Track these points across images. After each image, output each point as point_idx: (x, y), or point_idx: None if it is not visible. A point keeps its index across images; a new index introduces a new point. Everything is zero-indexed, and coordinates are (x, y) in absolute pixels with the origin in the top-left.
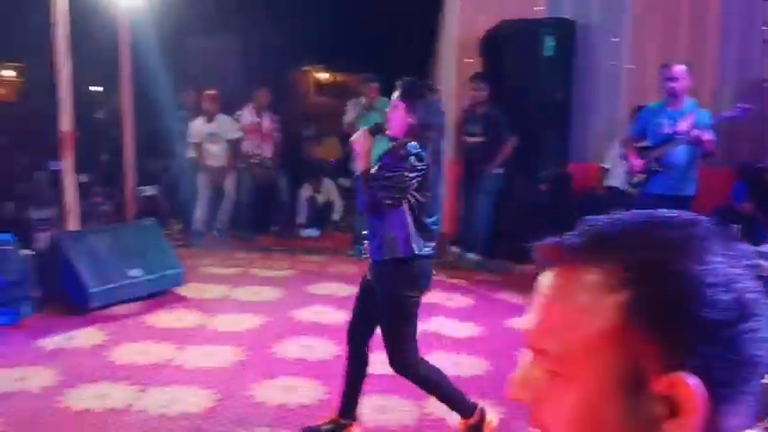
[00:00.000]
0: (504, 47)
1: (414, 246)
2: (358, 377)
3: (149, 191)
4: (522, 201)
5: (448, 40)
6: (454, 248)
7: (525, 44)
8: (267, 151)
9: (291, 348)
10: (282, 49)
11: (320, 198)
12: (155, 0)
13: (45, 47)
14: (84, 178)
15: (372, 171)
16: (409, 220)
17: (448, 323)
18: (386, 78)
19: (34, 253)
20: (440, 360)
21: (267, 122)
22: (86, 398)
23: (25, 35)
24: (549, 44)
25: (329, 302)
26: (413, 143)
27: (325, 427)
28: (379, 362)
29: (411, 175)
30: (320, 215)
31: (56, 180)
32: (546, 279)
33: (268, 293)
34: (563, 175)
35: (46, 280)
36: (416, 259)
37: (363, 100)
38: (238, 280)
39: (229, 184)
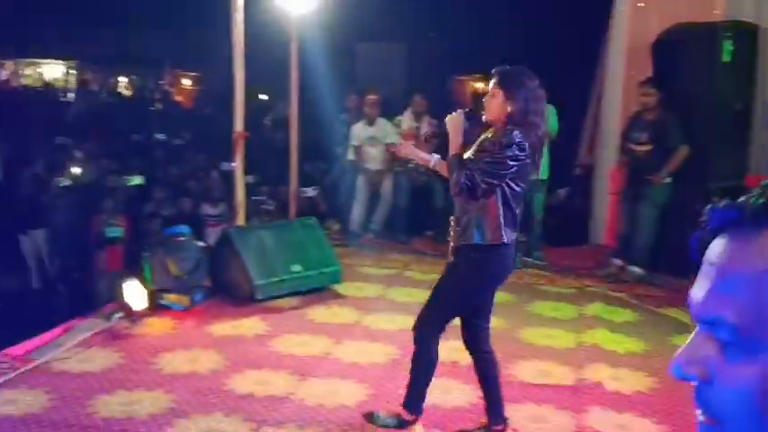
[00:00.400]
0: (677, 52)
1: (503, 234)
2: (491, 379)
3: (310, 192)
4: (690, 214)
5: (616, 43)
6: (616, 260)
7: (701, 49)
8: None
9: (444, 351)
10: (445, 57)
11: None
12: (325, 7)
13: (218, 59)
14: (251, 179)
15: (470, 154)
16: (501, 208)
17: (609, 336)
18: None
19: (206, 245)
20: (600, 373)
21: (426, 128)
22: (250, 383)
23: (200, 48)
24: (727, 49)
25: None
26: (516, 132)
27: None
28: (536, 370)
29: (512, 163)
30: None
31: (227, 179)
32: (719, 245)
33: (422, 296)
34: (739, 187)
35: (216, 271)
36: (503, 247)
37: None
38: (393, 281)
39: (387, 187)
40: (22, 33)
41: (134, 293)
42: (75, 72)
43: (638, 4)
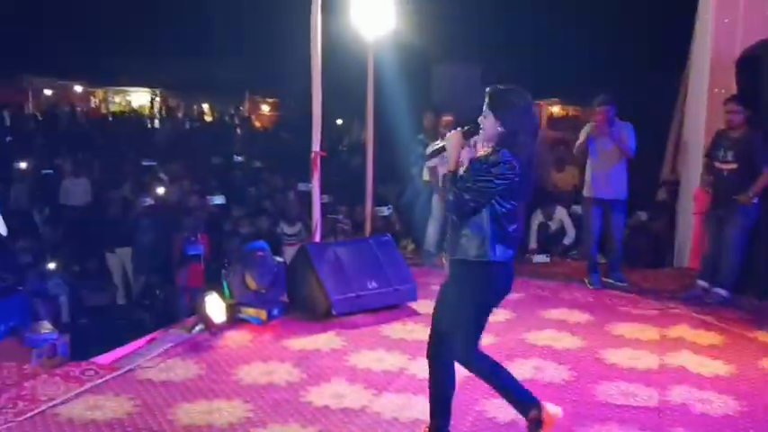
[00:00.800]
0: (763, 68)
1: (490, 251)
2: (448, 391)
3: (385, 211)
4: None
5: (700, 60)
6: (702, 282)
7: None
8: None
9: (523, 369)
10: (520, 78)
11: (552, 225)
12: (401, 30)
13: (295, 85)
14: (327, 198)
15: (461, 173)
16: (489, 225)
17: (694, 359)
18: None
19: (284, 261)
20: (685, 395)
21: None
22: (326, 396)
23: (278, 75)
24: None
25: (563, 327)
26: (505, 151)
27: None
28: (619, 391)
29: (498, 182)
30: (550, 242)
31: (303, 199)
32: None
33: (499, 315)
34: None
35: (293, 286)
36: (492, 265)
37: (591, 123)
38: None
39: None
40: (111, 63)
41: (214, 307)
42: (159, 99)
43: (724, 20)
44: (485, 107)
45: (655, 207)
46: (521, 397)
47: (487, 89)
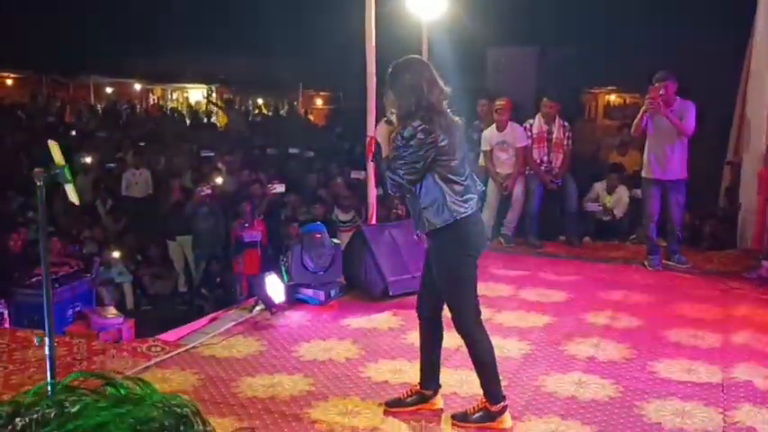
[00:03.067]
0: None
1: (451, 212)
2: (433, 350)
3: None
4: None
5: (762, 38)
6: (765, 262)
7: None
8: (557, 160)
9: (582, 348)
10: (576, 63)
11: (609, 202)
12: (456, 13)
13: (349, 76)
14: (380, 190)
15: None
16: (441, 189)
17: (759, 337)
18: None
19: (339, 243)
20: (747, 372)
21: (557, 132)
22: (385, 371)
23: (332, 68)
24: None
25: (622, 308)
26: (415, 122)
27: (410, 398)
28: (682, 368)
29: (422, 151)
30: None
31: (355, 187)
32: None
33: (557, 296)
34: None
35: (350, 268)
36: (457, 223)
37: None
38: (525, 281)
39: (517, 191)
40: (169, 61)
41: (273, 288)
42: (215, 95)
43: None
44: (387, 91)
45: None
46: (497, 387)
47: (389, 71)
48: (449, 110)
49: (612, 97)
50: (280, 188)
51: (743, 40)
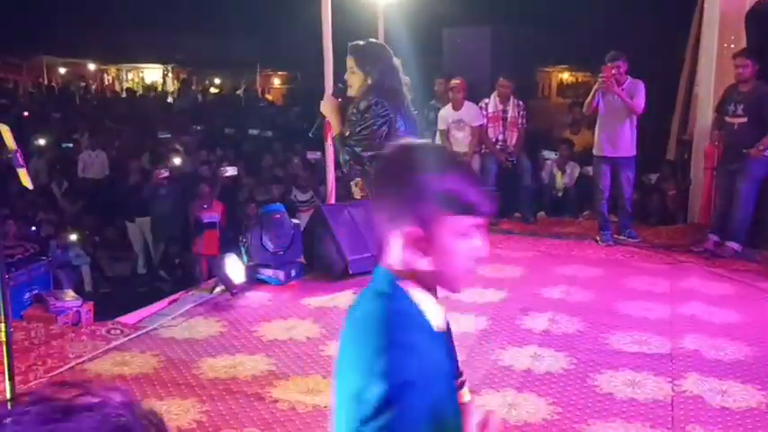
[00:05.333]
0: None
1: None
2: None
3: None
4: None
5: (709, 14)
6: (713, 236)
7: None
8: (511, 138)
9: (538, 322)
10: (529, 43)
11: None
12: None
13: (306, 57)
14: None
15: (346, 132)
16: None
17: (706, 309)
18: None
19: (299, 223)
20: (697, 342)
21: (512, 111)
22: None
23: (289, 49)
24: None
25: (575, 282)
26: (370, 97)
27: None
28: (632, 340)
29: (377, 123)
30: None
31: (311, 167)
32: None
33: (513, 271)
34: None
35: (309, 247)
36: None
37: (600, 79)
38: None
39: (473, 168)
40: (123, 40)
41: (233, 269)
42: (171, 75)
43: None
44: (352, 64)
45: (665, 165)
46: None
47: (350, 45)
48: (405, 98)
49: (565, 76)
50: (231, 171)
51: (687, 16)
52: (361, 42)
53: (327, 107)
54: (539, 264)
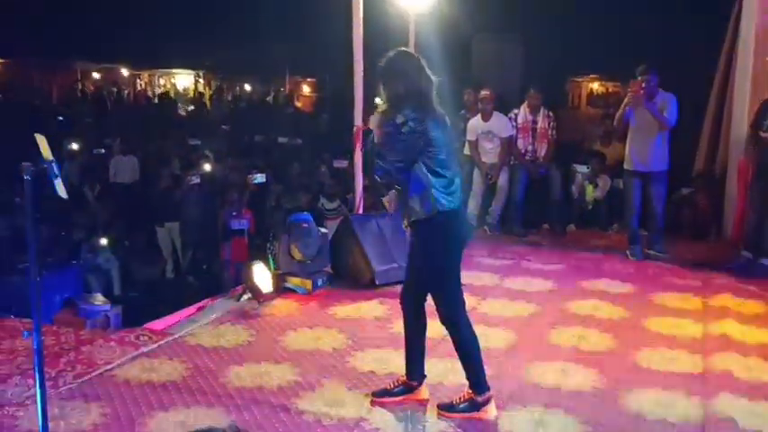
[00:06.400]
0: None
1: (436, 203)
2: (418, 340)
3: None
4: None
5: (745, 29)
6: (746, 253)
7: None
8: (541, 149)
9: (565, 337)
10: (560, 53)
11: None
12: (444, 5)
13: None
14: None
15: (383, 146)
16: (428, 179)
17: (738, 327)
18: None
19: (326, 232)
20: (729, 362)
21: (542, 121)
22: (371, 361)
23: (319, 56)
24: None
25: (604, 297)
26: (407, 110)
27: (396, 389)
28: (663, 358)
29: (412, 138)
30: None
31: (338, 176)
32: None
33: (540, 285)
34: None
35: (337, 257)
36: (442, 215)
37: (630, 93)
38: (510, 270)
39: (502, 180)
40: (156, 46)
41: (260, 277)
42: (203, 81)
43: None
44: (379, 85)
45: (696, 179)
46: (482, 377)
47: (378, 64)
48: (437, 102)
49: (595, 85)
50: (260, 178)
51: (719, 29)
52: (382, 62)
53: (373, 122)
54: (568, 277)
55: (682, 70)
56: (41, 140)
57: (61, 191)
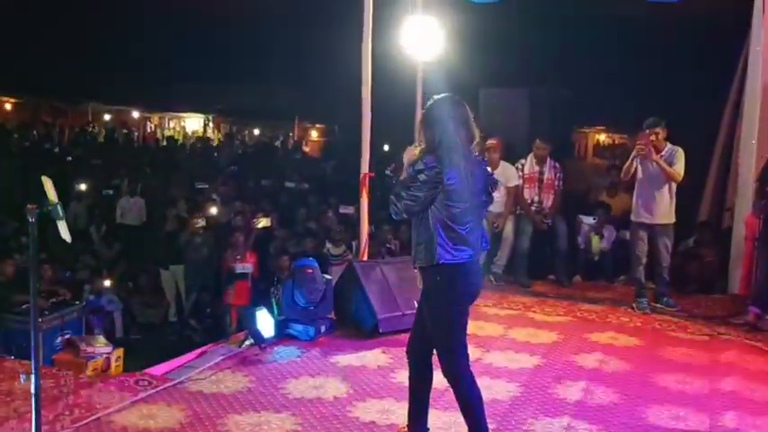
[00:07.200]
0: None
1: (437, 255)
2: (422, 392)
3: None
4: None
5: (752, 82)
6: (754, 309)
7: None
8: (547, 200)
9: (571, 391)
10: (567, 103)
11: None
12: (450, 55)
13: (344, 112)
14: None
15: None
16: (434, 230)
17: (746, 384)
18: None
19: (331, 279)
20: (735, 420)
21: (548, 172)
22: (372, 411)
23: (328, 102)
24: None
25: (611, 351)
26: (430, 158)
27: None
28: (670, 415)
29: (427, 186)
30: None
31: (345, 222)
32: None
33: (544, 336)
34: None
35: (340, 303)
36: (443, 267)
37: (638, 146)
38: (515, 321)
39: (508, 229)
40: (167, 89)
41: (263, 323)
42: (212, 124)
43: None
44: (419, 123)
45: (700, 231)
46: (484, 429)
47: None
48: (470, 155)
49: (602, 137)
50: (264, 222)
51: (725, 83)
52: (432, 102)
53: (407, 156)
54: (573, 329)
55: (686, 124)
56: (47, 183)
57: (65, 233)
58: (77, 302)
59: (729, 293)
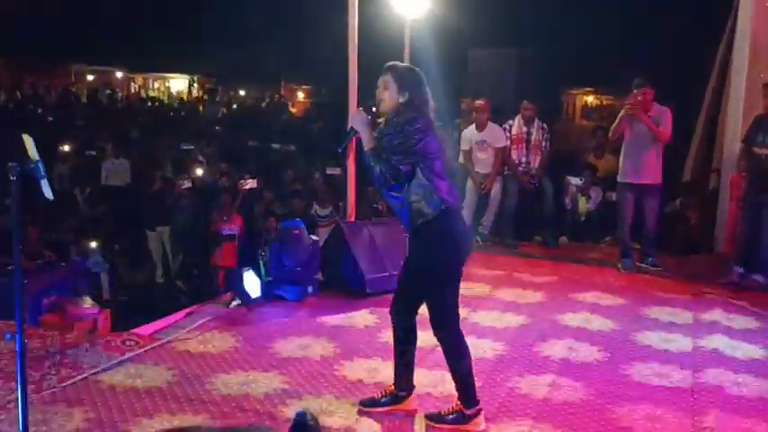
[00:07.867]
0: None
1: (440, 200)
2: (408, 352)
3: None
4: None
5: (740, 44)
6: (738, 268)
7: None
8: (534, 161)
9: (556, 349)
10: (553, 65)
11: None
12: (438, 14)
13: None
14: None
15: (379, 146)
16: (430, 180)
17: (729, 342)
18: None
19: (318, 240)
20: (720, 377)
21: (536, 133)
22: (359, 370)
23: (314, 63)
24: None
25: (596, 310)
26: (408, 113)
27: (384, 399)
28: (653, 372)
29: (417, 137)
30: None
31: (331, 183)
32: None
33: (531, 296)
34: None
35: (327, 265)
36: (447, 212)
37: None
38: (501, 281)
39: (495, 190)
40: (151, 50)
41: (249, 283)
42: (197, 85)
43: (766, 4)
44: (389, 81)
45: (686, 192)
46: (472, 391)
47: (389, 65)
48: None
49: (590, 98)
50: (251, 183)
51: (713, 43)
52: (401, 64)
53: (359, 122)
54: (559, 289)
55: (673, 84)
56: (28, 140)
57: (47, 191)
58: (63, 264)
59: (714, 253)
